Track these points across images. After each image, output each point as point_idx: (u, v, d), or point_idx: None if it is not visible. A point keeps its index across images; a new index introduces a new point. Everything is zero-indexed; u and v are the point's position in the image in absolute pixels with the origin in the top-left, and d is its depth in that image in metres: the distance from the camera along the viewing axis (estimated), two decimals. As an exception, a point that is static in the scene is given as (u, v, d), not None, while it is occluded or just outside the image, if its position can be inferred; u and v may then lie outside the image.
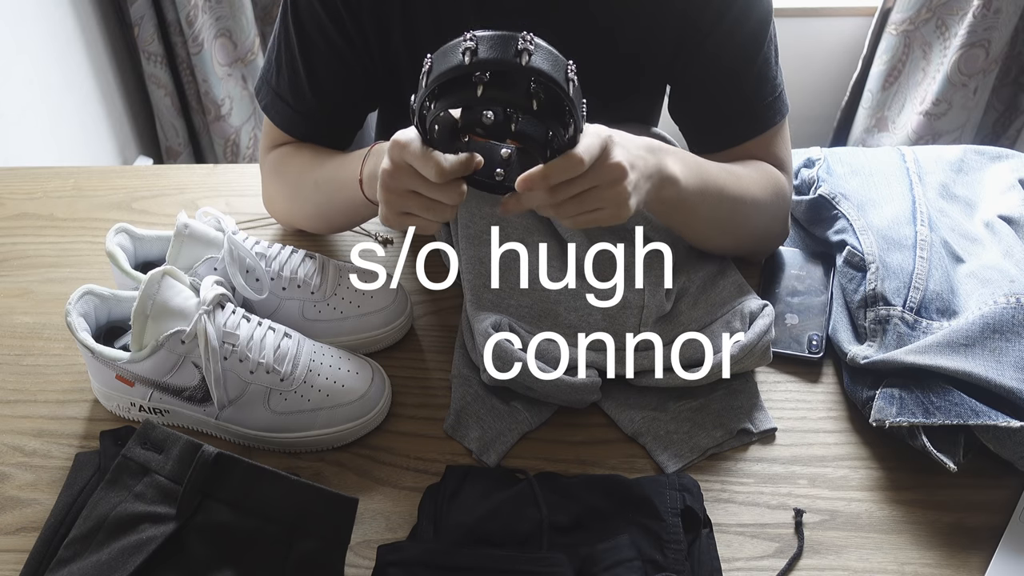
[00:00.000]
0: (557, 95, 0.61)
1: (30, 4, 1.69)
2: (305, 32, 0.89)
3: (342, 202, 0.88)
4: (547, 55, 0.60)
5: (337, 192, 0.88)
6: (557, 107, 0.61)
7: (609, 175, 0.68)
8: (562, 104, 0.61)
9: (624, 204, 0.70)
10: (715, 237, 0.90)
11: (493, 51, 0.59)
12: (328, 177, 0.89)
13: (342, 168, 0.87)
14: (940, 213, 0.93)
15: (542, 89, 0.60)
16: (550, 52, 0.61)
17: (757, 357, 0.82)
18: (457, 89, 0.61)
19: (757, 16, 0.86)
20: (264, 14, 2.10)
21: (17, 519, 0.76)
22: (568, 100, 0.61)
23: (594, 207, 0.70)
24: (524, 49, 0.59)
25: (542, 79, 0.60)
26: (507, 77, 0.60)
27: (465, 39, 0.60)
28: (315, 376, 0.79)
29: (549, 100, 0.61)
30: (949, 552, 0.73)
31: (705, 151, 0.94)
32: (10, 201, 1.09)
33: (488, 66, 0.59)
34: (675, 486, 0.74)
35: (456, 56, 0.60)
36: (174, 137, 2.15)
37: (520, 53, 0.59)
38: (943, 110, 2.06)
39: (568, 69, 0.62)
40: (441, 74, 0.60)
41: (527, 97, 0.60)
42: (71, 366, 0.88)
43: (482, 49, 0.59)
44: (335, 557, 0.66)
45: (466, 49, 0.59)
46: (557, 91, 0.60)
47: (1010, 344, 0.78)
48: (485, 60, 0.59)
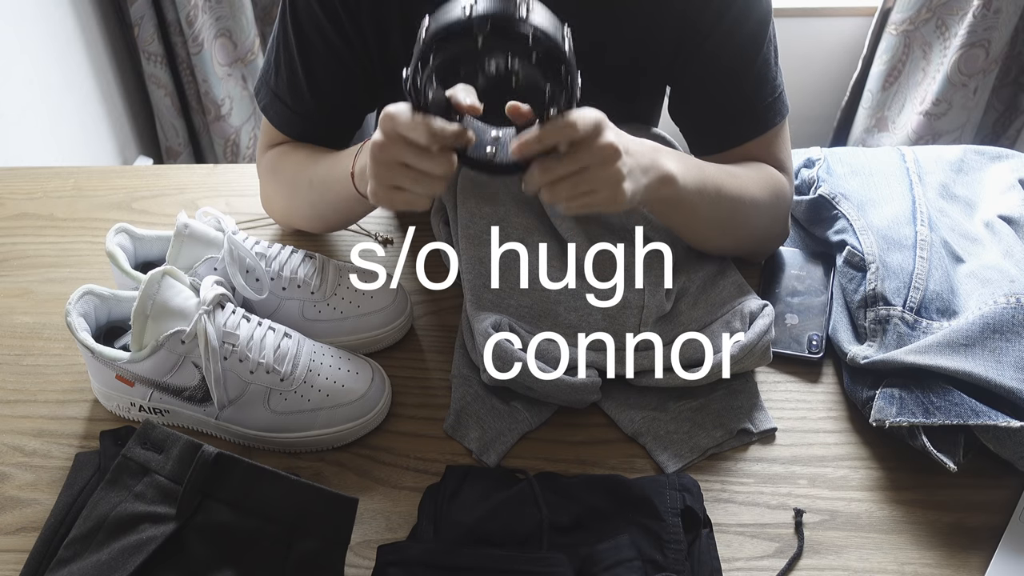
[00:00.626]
0: (554, 51, 0.61)
1: (30, 4, 1.69)
2: (304, 33, 0.89)
3: (336, 198, 0.88)
4: (545, 14, 0.61)
5: (331, 189, 0.88)
6: (554, 65, 0.62)
7: (601, 154, 0.68)
8: (559, 62, 0.62)
9: (618, 186, 0.70)
10: (714, 238, 0.90)
11: (492, 4, 0.60)
12: (322, 175, 0.89)
13: (335, 165, 0.87)
14: (940, 213, 0.93)
15: (541, 46, 0.61)
16: (548, 12, 0.62)
17: (757, 357, 0.82)
18: (457, 42, 0.61)
19: (757, 17, 0.86)
20: (264, 14, 2.10)
21: (17, 519, 0.76)
22: (566, 59, 0.62)
23: (588, 188, 0.70)
24: (522, 3, 0.60)
25: (539, 34, 0.60)
26: (506, 31, 0.60)
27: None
28: (315, 376, 0.79)
29: (547, 56, 0.61)
30: (949, 552, 0.73)
31: (705, 152, 0.94)
32: (10, 201, 1.09)
33: (488, 19, 0.60)
34: (675, 486, 0.74)
35: (456, 10, 0.60)
36: (174, 137, 2.15)
37: (519, 6, 0.60)
38: (943, 110, 2.06)
39: (564, 30, 0.63)
40: (443, 26, 0.61)
41: (527, 49, 0.60)
42: (71, 366, 0.88)
43: (481, 4, 0.60)
44: (335, 557, 0.66)
45: (466, 4, 0.60)
46: (554, 47, 0.61)
47: (1010, 344, 0.78)
48: (485, 13, 0.60)
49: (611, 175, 0.69)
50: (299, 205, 0.95)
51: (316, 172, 0.90)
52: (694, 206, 0.82)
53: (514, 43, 0.61)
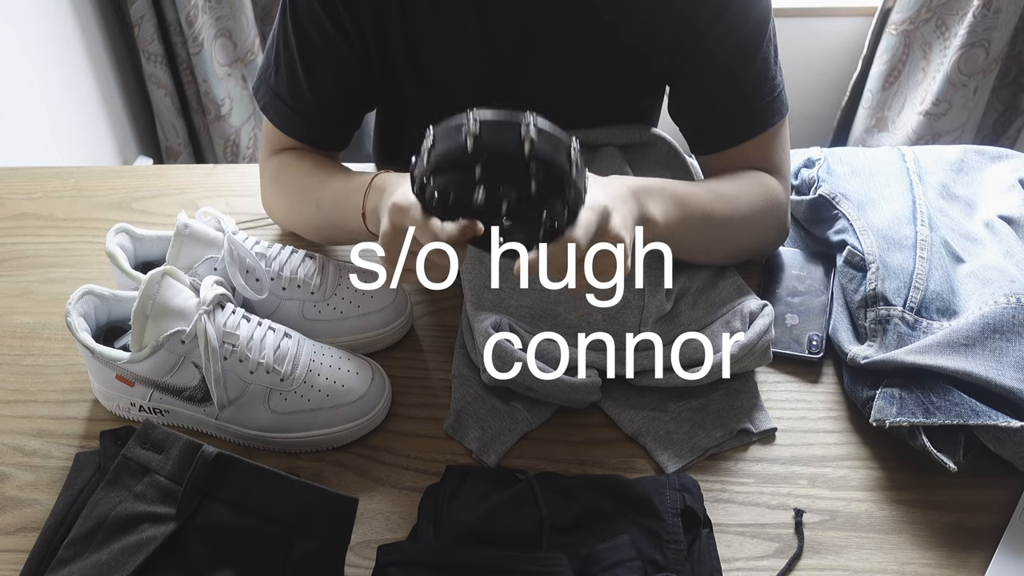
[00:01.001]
0: (557, 177, 0.61)
1: (30, 4, 1.69)
2: (303, 31, 0.89)
3: (344, 228, 0.89)
4: (549, 139, 0.61)
5: (339, 218, 0.88)
6: (556, 187, 0.62)
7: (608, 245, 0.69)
8: (562, 185, 0.62)
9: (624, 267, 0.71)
10: (703, 257, 0.91)
11: (495, 137, 0.60)
12: (329, 203, 0.89)
13: (344, 196, 0.87)
14: (940, 213, 0.93)
15: (542, 171, 0.61)
16: (552, 135, 0.61)
17: (757, 357, 0.82)
18: (456, 169, 0.61)
19: (756, 15, 0.86)
20: (264, 14, 2.10)
21: (17, 519, 0.76)
22: (569, 182, 0.62)
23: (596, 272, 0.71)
24: (526, 136, 0.60)
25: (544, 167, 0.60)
26: (507, 162, 0.60)
27: (468, 121, 0.60)
28: (315, 376, 0.79)
29: (548, 182, 0.61)
30: (949, 552, 0.73)
31: (704, 151, 0.94)
32: (10, 201, 1.09)
33: (489, 152, 0.60)
34: (675, 486, 0.74)
35: (458, 139, 0.60)
36: (174, 137, 2.15)
37: (522, 141, 0.60)
38: (943, 110, 2.06)
39: (571, 149, 0.62)
40: (443, 155, 0.61)
41: (526, 180, 0.60)
42: (71, 366, 0.88)
43: (484, 134, 0.60)
44: (335, 557, 0.66)
45: (468, 133, 0.60)
46: (558, 174, 0.61)
47: (1010, 344, 0.78)
48: (486, 146, 0.60)
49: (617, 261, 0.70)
50: (304, 221, 0.95)
51: (323, 196, 0.90)
52: (680, 238, 0.84)
53: (513, 176, 0.61)
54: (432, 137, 0.63)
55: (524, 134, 0.60)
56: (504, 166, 0.60)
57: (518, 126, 0.60)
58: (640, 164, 0.99)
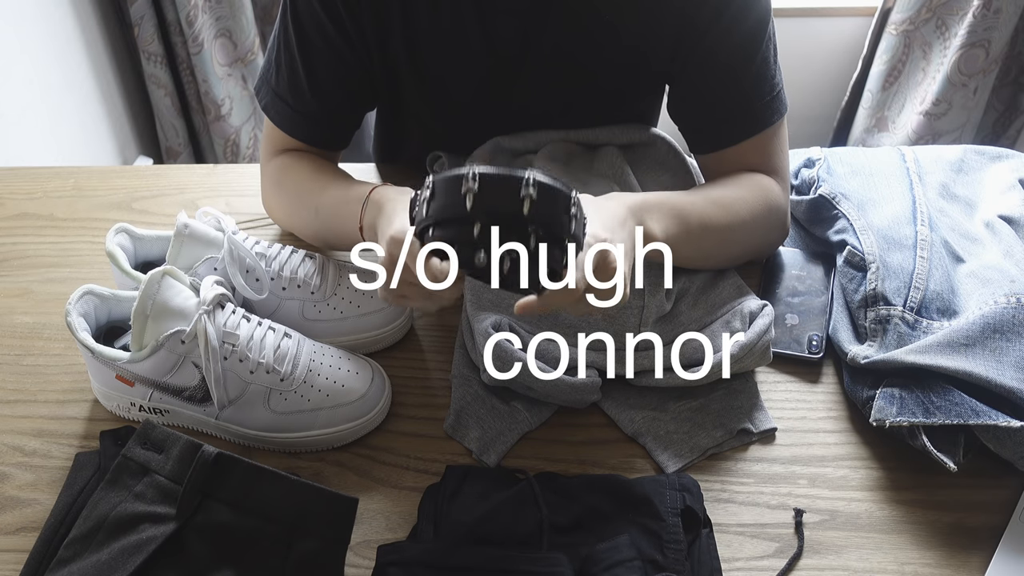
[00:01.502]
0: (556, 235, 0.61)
1: (30, 4, 1.69)
2: (304, 32, 0.89)
3: (342, 236, 0.89)
4: (549, 195, 0.60)
5: (337, 227, 0.89)
6: (555, 240, 0.62)
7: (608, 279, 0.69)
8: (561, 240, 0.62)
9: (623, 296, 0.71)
10: (704, 264, 0.91)
11: (494, 197, 0.60)
12: (328, 211, 0.89)
13: (341, 204, 0.87)
14: (940, 213, 0.93)
15: (542, 228, 0.61)
16: (552, 192, 0.61)
17: (757, 357, 0.82)
18: (454, 227, 0.62)
19: (756, 15, 0.86)
20: (264, 14, 2.10)
21: (17, 519, 0.76)
22: (569, 235, 0.62)
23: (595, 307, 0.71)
24: (526, 196, 0.59)
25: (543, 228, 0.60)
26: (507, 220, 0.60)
27: (467, 179, 0.60)
28: (315, 376, 0.79)
29: (548, 236, 0.61)
30: (949, 552, 0.73)
31: (703, 150, 0.94)
32: (10, 201, 1.09)
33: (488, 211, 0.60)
34: (675, 486, 0.74)
35: (457, 196, 0.60)
36: (174, 137, 2.15)
37: (522, 201, 0.59)
38: (943, 110, 2.06)
39: (571, 203, 0.62)
40: (441, 211, 0.61)
41: (524, 237, 0.61)
42: (71, 366, 0.88)
43: (484, 193, 0.60)
44: (335, 557, 0.66)
45: (468, 191, 0.60)
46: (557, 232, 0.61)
47: (1010, 344, 0.78)
48: (485, 208, 0.60)
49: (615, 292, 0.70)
50: (303, 226, 0.96)
51: (322, 204, 0.90)
52: (679, 251, 0.84)
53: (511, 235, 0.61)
54: (431, 188, 0.63)
55: (524, 193, 0.59)
56: (503, 225, 0.60)
57: (518, 183, 0.60)
58: (640, 164, 0.99)
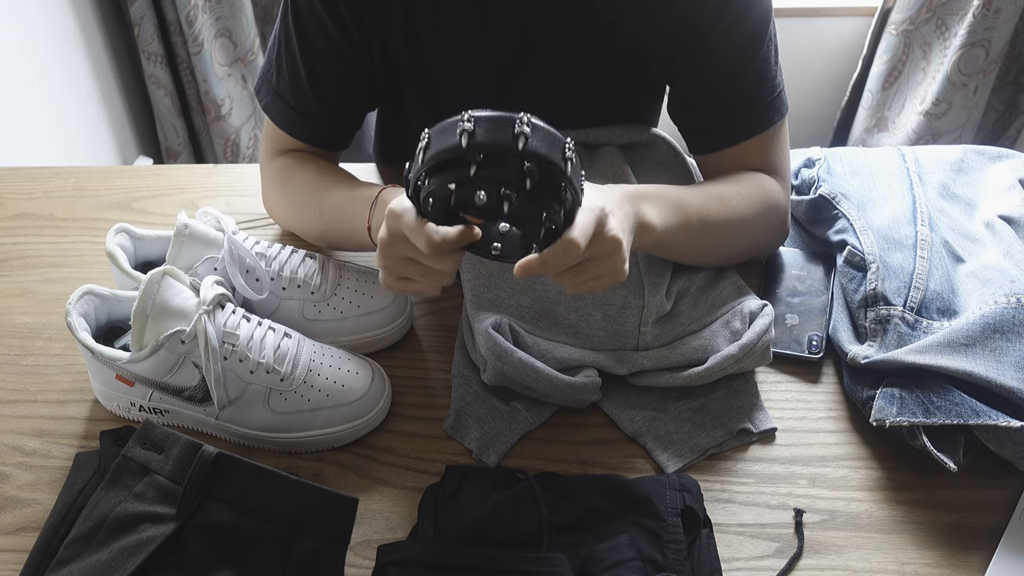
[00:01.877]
0: (552, 174, 0.61)
1: (30, 4, 1.69)
2: (305, 32, 0.89)
3: (348, 237, 0.89)
4: (544, 136, 0.61)
5: (343, 228, 0.88)
6: (552, 186, 0.62)
7: (605, 249, 0.69)
8: (557, 183, 0.62)
9: (620, 271, 0.71)
10: (703, 260, 0.91)
11: (490, 134, 0.60)
12: (334, 210, 0.89)
13: (349, 205, 0.87)
14: (940, 213, 0.93)
15: (537, 169, 0.60)
16: (547, 132, 0.61)
17: (757, 356, 0.82)
18: (451, 167, 0.61)
19: (757, 15, 0.86)
20: (264, 14, 2.10)
21: (17, 519, 0.76)
22: (565, 179, 0.62)
23: (592, 277, 0.71)
24: (520, 133, 0.60)
25: (539, 163, 0.60)
26: (501, 158, 0.60)
27: (463, 119, 0.60)
28: (315, 376, 0.79)
29: (543, 179, 0.61)
30: (949, 552, 0.73)
31: (704, 150, 0.94)
32: (10, 201, 1.09)
33: (484, 149, 0.60)
34: (675, 486, 0.74)
35: (453, 137, 0.60)
36: (174, 137, 2.15)
37: (517, 137, 0.60)
38: (943, 110, 2.06)
39: (566, 148, 0.62)
40: (437, 153, 0.61)
41: (520, 177, 0.60)
42: (71, 366, 0.88)
43: (479, 131, 0.60)
44: (335, 557, 0.66)
45: (463, 131, 0.60)
46: (553, 171, 0.61)
47: (1010, 344, 0.78)
48: (481, 143, 0.60)
49: (614, 264, 0.70)
50: (307, 226, 0.95)
51: (328, 204, 0.90)
52: (678, 244, 0.84)
53: (507, 173, 0.60)
54: (427, 138, 0.63)
55: (518, 130, 0.60)
56: (499, 162, 0.60)
57: (512, 122, 0.60)
58: (640, 164, 0.99)
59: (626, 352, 0.83)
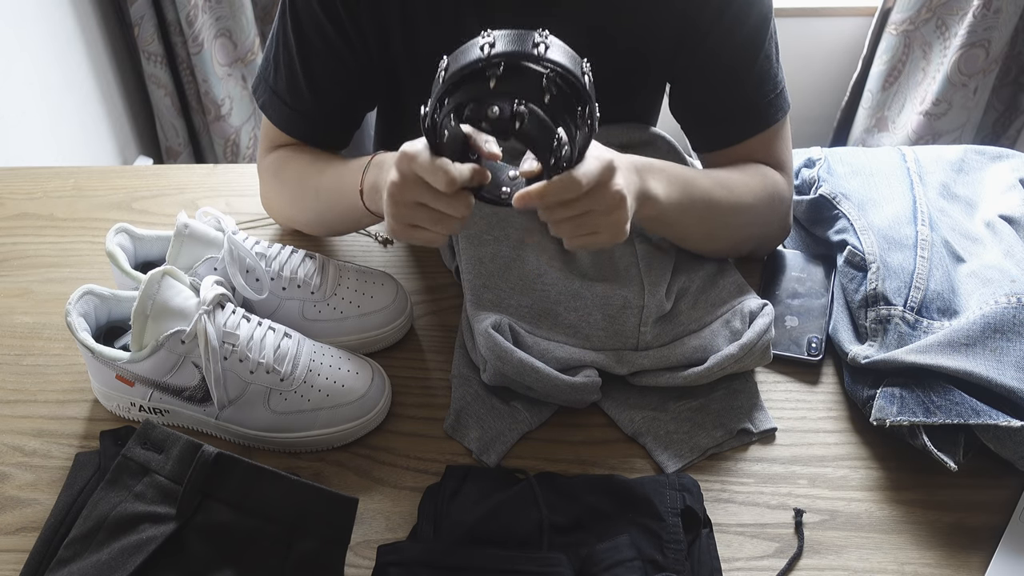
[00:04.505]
0: (568, 92, 0.61)
1: (30, 4, 1.69)
2: (303, 31, 0.89)
3: (343, 211, 0.88)
4: (562, 50, 0.61)
5: (338, 202, 0.88)
6: (568, 102, 0.62)
7: (608, 202, 0.69)
8: (573, 101, 0.62)
9: (621, 229, 0.71)
10: (707, 245, 0.90)
11: (510, 44, 0.60)
12: (328, 186, 0.89)
13: (342, 178, 0.87)
14: (941, 213, 0.93)
15: (554, 85, 0.61)
16: (565, 48, 0.62)
17: (757, 356, 0.82)
18: (470, 83, 0.61)
19: (757, 14, 0.86)
20: (264, 14, 2.10)
21: (17, 519, 0.76)
22: (584, 94, 0.62)
23: (591, 231, 0.70)
24: (540, 42, 0.60)
25: (557, 69, 0.60)
26: (520, 70, 0.60)
27: (482, 36, 0.61)
28: (315, 376, 0.79)
29: (561, 94, 0.61)
30: (949, 552, 0.73)
31: (706, 148, 0.94)
32: (10, 201, 1.09)
33: (504, 58, 0.60)
34: (675, 486, 0.74)
35: (474, 51, 0.61)
36: (174, 137, 2.15)
37: (536, 45, 0.60)
38: (943, 110, 2.06)
39: (583, 64, 0.63)
40: (458, 68, 0.61)
41: (539, 90, 0.60)
42: (71, 366, 0.88)
43: (499, 43, 0.60)
44: (335, 557, 0.66)
45: (483, 44, 0.60)
46: (572, 81, 0.61)
47: (1011, 344, 0.78)
48: (502, 52, 0.60)
49: (616, 220, 0.70)
50: (304, 212, 0.95)
51: (322, 182, 0.90)
52: (678, 219, 0.83)
53: (526, 85, 0.60)
54: (446, 61, 0.63)
55: (539, 40, 0.60)
56: (519, 72, 0.60)
57: (531, 36, 0.61)
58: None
59: (626, 352, 0.83)
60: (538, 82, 0.60)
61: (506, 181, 0.70)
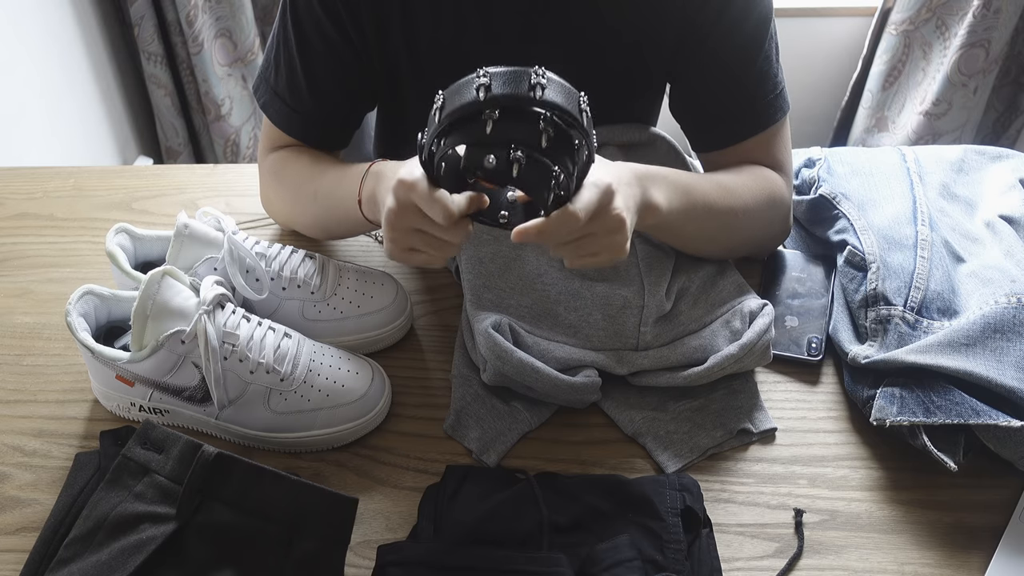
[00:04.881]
0: (565, 131, 0.61)
1: (30, 4, 1.69)
2: (303, 31, 0.89)
3: (341, 217, 0.89)
4: (559, 88, 0.61)
5: (336, 208, 0.88)
6: (567, 142, 0.61)
7: (608, 225, 0.69)
8: (571, 139, 0.61)
9: (621, 249, 0.71)
10: (707, 249, 0.90)
11: (506, 86, 0.59)
12: (327, 191, 0.89)
13: (340, 184, 0.87)
14: (941, 213, 0.93)
15: (551, 125, 0.60)
16: (562, 85, 0.61)
17: (757, 356, 0.82)
18: (467, 126, 0.61)
19: (757, 14, 0.86)
20: (264, 14, 2.10)
21: (17, 519, 0.76)
22: (582, 131, 0.61)
23: (591, 252, 0.70)
24: (536, 84, 0.59)
25: (556, 112, 0.60)
26: (518, 114, 0.60)
27: (478, 75, 0.60)
28: (315, 376, 0.79)
29: (559, 135, 0.61)
30: (949, 552, 0.73)
31: (706, 149, 0.94)
32: (10, 201, 1.09)
33: (501, 102, 0.59)
34: (675, 486, 0.74)
35: (470, 92, 0.60)
36: (174, 137, 2.15)
37: (533, 88, 0.59)
38: (943, 110, 2.06)
39: (580, 100, 0.62)
40: (455, 110, 0.61)
41: (536, 134, 0.60)
42: (71, 366, 0.88)
43: (495, 85, 0.59)
44: (335, 557, 0.66)
45: (480, 85, 0.60)
46: (571, 121, 0.61)
47: (1011, 344, 0.78)
48: (498, 96, 0.59)
49: (615, 241, 0.70)
50: (303, 214, 0.95)
51: (321, 186, 0.90)
52: (681, 226, 0.84)
53: (524, 130, 0.60)
54: (442, 98, 0.63)
55: (535, 81, 0.59)
56: (516, 116, 0.60)
57: (528, 75, 0.60)
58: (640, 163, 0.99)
59: (626, 352, 0.83)
60: (535, 125, 0.60)
61: (504, 204, 0.69)
